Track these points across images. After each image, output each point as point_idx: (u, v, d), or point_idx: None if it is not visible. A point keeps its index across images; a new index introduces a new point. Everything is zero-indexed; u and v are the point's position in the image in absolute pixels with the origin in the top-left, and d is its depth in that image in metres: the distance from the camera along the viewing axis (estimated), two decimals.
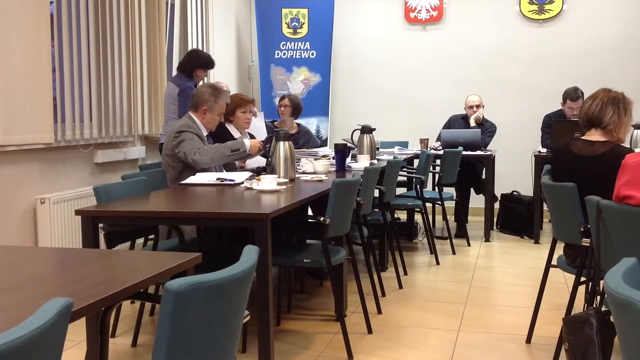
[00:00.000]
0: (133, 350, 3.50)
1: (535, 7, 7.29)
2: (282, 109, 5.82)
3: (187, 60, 5.18)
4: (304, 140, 5.76)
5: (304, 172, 4.27)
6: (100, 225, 3.00)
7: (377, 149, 5.43)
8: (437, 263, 5.33)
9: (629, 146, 4.90)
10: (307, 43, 7.55)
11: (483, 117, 6.61)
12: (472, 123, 6.57)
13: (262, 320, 2.82)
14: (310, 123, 7.18)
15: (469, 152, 6.12)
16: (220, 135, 4.37)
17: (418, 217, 6.13)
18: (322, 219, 3.27)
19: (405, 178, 6.00)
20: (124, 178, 3.77)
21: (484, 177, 6.36)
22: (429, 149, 6.24)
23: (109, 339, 2.14)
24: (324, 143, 7.03)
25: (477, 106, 6.59)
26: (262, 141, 4.22)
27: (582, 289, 3.07)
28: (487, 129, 6.56)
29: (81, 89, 4.78)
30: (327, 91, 7.58)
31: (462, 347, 3.46)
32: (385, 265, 5.05)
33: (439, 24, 7.57)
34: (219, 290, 1.52)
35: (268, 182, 3.48)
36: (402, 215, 6.25)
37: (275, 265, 3.41)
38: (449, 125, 6.72)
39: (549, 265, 3.44)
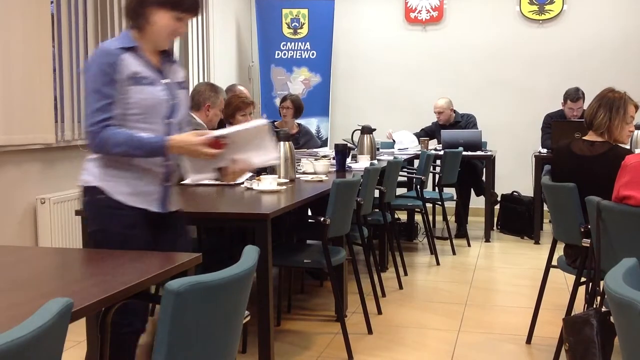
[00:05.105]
0: None
1: (535, 8, 7.29)
2: (285, 110, 5.81)
3: None
4: (305, 141, 5.76)
5: (304, 173, 4.27)
6: None
7: (377, 149, 5.43)
8: (438, 263, 5.33)
9: (629, 147, 4.90)
10: (308, 43, 7.55)
11: (456, 113, 6.68)
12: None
13: (262, 320, 2.82)
14: (311, 123, 7.18)
15: (469, 153, 6.13)
16: None
17: (418, 218, 6.13)
18: (322, 219, 3.27)
19: (405, 178, 6.00)
20: None
21: (484, 178, 6.37)
22: (427, 149, 6.24)
23: (109, 339, 2.13)
24: (324, 143, 7.03)
25: (440, 113, 6.63)
26: None
27: (582, 290, 3.08)
28: (467, 123, 6.61)
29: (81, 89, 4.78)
30: (328, 91, 7.58)
31: (462, 348, 3.46)
32: (385, 265, 5.05)
33: (439, 24, 7.57)
34: (219, 290, 1.52)
35: (268, 182, 3.49)
36: (403, 216, 6.25)
37: (276, 265, 3.41)
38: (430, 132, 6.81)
39: (549, 265, 3.44)
